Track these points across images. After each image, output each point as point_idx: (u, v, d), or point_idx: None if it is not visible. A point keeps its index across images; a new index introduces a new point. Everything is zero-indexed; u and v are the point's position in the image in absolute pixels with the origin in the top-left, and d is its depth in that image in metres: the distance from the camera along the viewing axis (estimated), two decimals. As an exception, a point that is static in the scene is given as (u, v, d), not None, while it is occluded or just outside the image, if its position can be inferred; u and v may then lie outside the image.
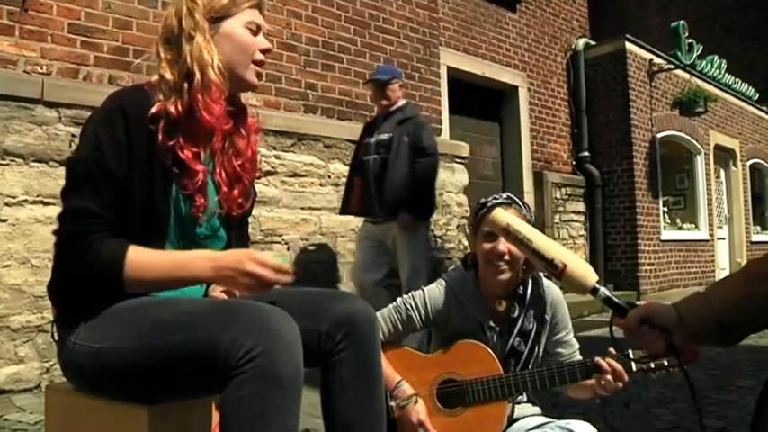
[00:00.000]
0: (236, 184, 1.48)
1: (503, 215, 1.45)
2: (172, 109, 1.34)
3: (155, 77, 1.39)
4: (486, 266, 1.90)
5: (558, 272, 1.31)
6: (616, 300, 1.29)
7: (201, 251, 1.37)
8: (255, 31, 1.48)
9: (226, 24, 1.44)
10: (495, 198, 1.94)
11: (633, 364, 1.72)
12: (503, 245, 1.84)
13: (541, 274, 1.97)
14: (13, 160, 3.35)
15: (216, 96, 1.38)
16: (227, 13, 1.44)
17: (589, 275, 1.31)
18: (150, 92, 1.36)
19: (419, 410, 1.79)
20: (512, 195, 1.95)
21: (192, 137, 1.37)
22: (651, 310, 1.23)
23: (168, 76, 1.38)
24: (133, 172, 1.31)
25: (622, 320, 1.26)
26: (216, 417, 1.33)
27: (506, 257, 1.85)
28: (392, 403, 1.79)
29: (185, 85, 1.37)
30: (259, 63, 1.49)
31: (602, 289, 1.30)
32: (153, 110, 1.32)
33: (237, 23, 1.45)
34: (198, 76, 1.36)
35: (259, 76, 1.50)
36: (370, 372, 1.39)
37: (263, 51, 1.49)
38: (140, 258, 1.28)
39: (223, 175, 1.46)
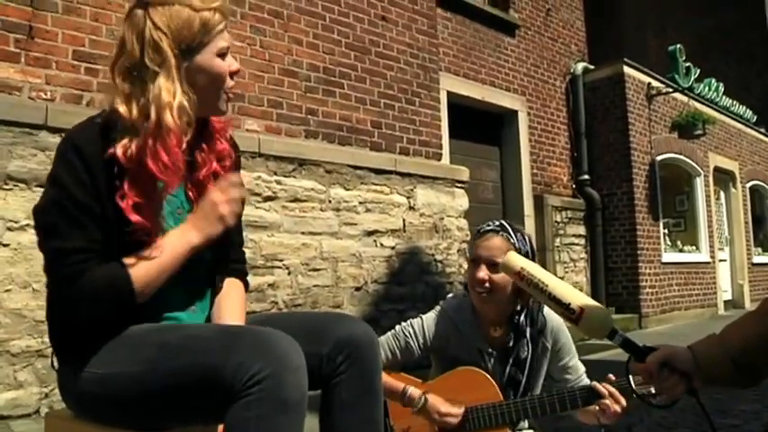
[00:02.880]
0: None
1: (516, 259, 1.43)
2: (119, 152, 1.25)
3: (108, 107, 1.32)
4: (471, 292, 1.92)
5: (574, 317, 1.28)
6: (635, 343, 1.27)
7: (176, 228, 1.36)
8: (225, 53, 1.39)
9: (199, 58, 1.34)
10: (487, 225, 1.94)
11: (633, 382, 1.69)
12: (483, 272, 1.85)
13: None
14: (16, 185, 3.37)
15: (171, 144, 1.27)
16: (200, 42, 1.33)
17: (607, 319, 1.29)
18: (104, 126, 1.29)
19: (436, 404, 1.82)
20: (505, 223, 1.94)
21: (136, 183, 1.27)
22: (671, 353, 1.22)
23: (123, 110, 1.27)
24: (104, 206, 1.27)
25: (642, 365, 1.25)
26: None
27: (486, 285, 1.85)
28: (410, 408, 1.82)
29: (141, 125, 1.26)
30: (229, 90, 1.41)
31: (620, 332, 1.27)
32: (109, 150, 1.25)
33: (210, 53, 1.35)
34: (153, 118, 1.25)
35: (228, 101, 1.43)
36: (371, 394, 1.38)
37: (232, 74, 1.41)
38: (136, 263, 1.28)
39: (194, 191, 1.43)
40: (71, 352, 1.34)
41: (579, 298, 1.30)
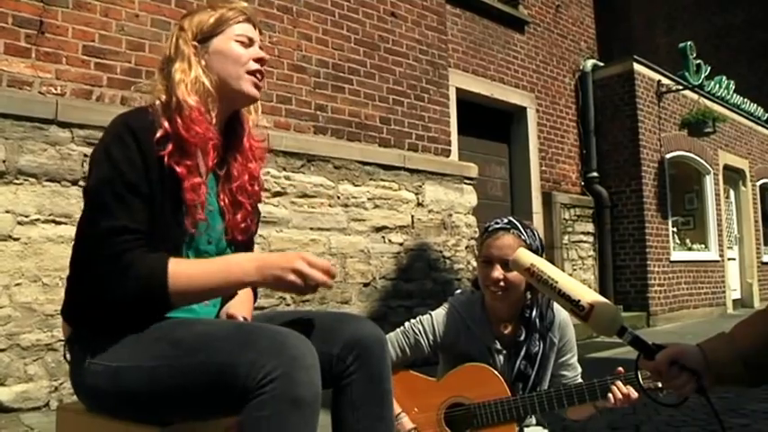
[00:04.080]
0: (237, 210, 1.50)
1: (525, 255, 1.42)
2: (161, 132, 1.36)
3: (155, 101, 1.43)
4: (485, 291, 1.91)
5: (584, 313, 1.27)
6: (645, 341, 1.26)
7: (244, 254, 1.41)
8: (247, 43, 1.50)
9: (215, 42, 1.48)
10: (495, 223, 1.93)
11: (642, 380, 1.68)
12: (497, 271, 1.84)
13: None
14: (26, 179, 3.39)
15: (193, 115, 1.39)
16: (215, 31, 1.48)
17: (616, 316, 1.28)
18: (154, 113, 1.39)
19: None
20: (513, 220, 1.93)
21: (184, 152, 1.38)
22: (681, 351, 1.21)
23: (164, 98, 1.42)
24: (152, 189, 1.32)
25: (651, 362, 1.24)
26: None
27: (501, 284, 1.84)
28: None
29: (170, 105, 1.41)
30: (254, 72, 1.50)
31: (630, 330, 1.26)
32: (159, 133, 1.35)
33: (226, 38, 1.48)
34: (174, 98, 1.40)
35: (257, 86, 1.51)
36: (381, 394, 1.39)
37: (258, 61, 1.50)
38: (183, 269, 1.29)
39: (226, 200, 1.48)
40: (87, 338, 1.34)
41: (589, 295, 1.30)
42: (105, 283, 1.27)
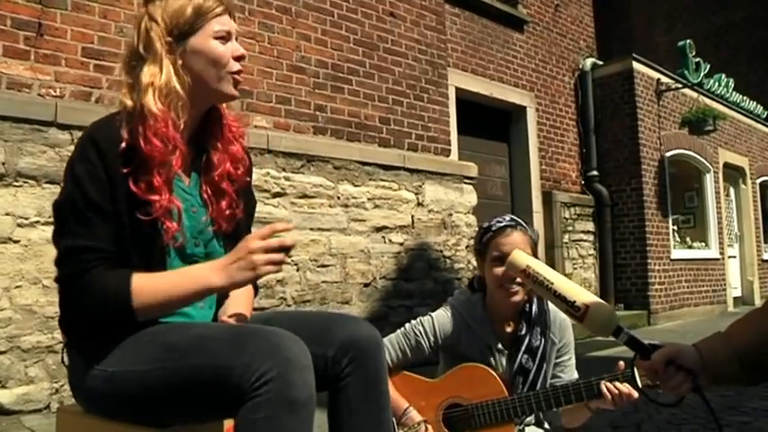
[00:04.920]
0: (221, 198, 1.45)
1: (521, 257, 1.43)
2: (124, 143, 1.30)
3: (120, 105, 1.36)
4: (499, 290, 1.89)
5: (579, 314, 1.28)
6: (640, 341, 1.26)
7: (206, 263, 1.35)
8: (226, 37, 1.40)
9: (193, 40, 1.37)
10: (498, 221, 1.93)
11: (639, 380, 1.68)
12: None
13: None
14: (26, 182, 3.39)
15: (158, 126, 1.30)
16: (193, 26, 1.37)
17: (612, 317, 1.28)
18: (119, 122, 1.32)
19: None
20: (515, 218, 1.94)
21: (143, 167, 1.30)
22: (676, 351, 1.21)
23: (128, 103, 1.33)
24: (119, 204, 1.29)
25: (647, 362, 1.24)
26: None
27: (518, 279, 1.84)
28: (400, 431, 1.79)
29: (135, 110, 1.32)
30: (236, 73, 1.42)
31: (626, 330, 1.27)
32: (122, 146, 1.29)
33: (205, 36, 1.38)
34: (138, 105, 1.31)
35: (236, 84, 1.43)
36: (377, 396, 1.38)
37: (237, 59, 1.42)
38: (146, 283, 1.27)
39: (208, 191, 1.44)
40: (81, 347, 1.34)
41: (584, 295, 1.30)
42: (68, 302, 1.29)
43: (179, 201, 1.37)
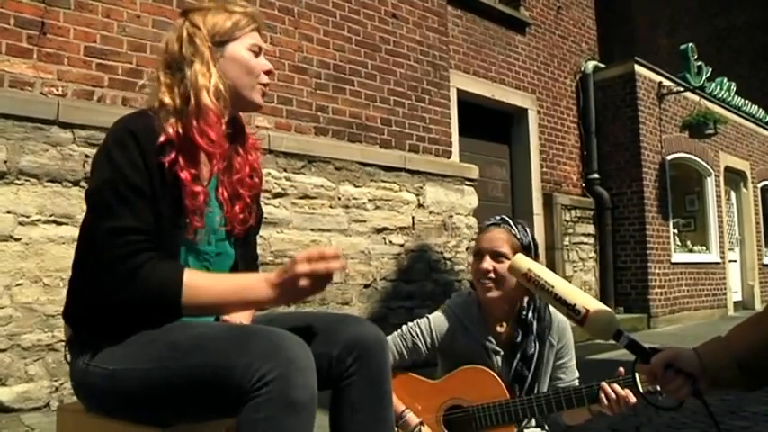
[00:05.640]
0: (236, 201, 1.50)
1: (522, 261, 1.44)
2: (170, 131, 1.36)
3: (156, 103, 1.41)
4: (477, 286, 1.94)
5: (580, 317, 1.29)
6: (641, 344, 1.26)
7: (256, 273, 1.41)
8: (258, 52, 1.51)
9: (230, 48, 1.47)
10: (488, 220, 1.99)
11: (640, 384, 1.68)
12: (487, 262, 1.87)
13: None
14: (27, 180, 3.39)
15: (212, 121, 1.39)
16: (231, 36, 1.47)
17: (612, 320, 1.29)
18: (155, 117, 1.38)
19: None
20: (504, 217, 1.97)
21: (190, 159, 1.38)
22: (676, 355, 1.22)
23: (167, 100, 1.40)
24: (153, 193, 1.32)
25: (647, 366, 1.24)
26: None
27: (491, 275, 1.86)
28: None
29: (184, 109, 1.39)
30: (264, 85, 1.53)
31: (626, 334, 1.27)
32: (162, 137, 1.34)
33: (241, 46, 1.48)
34: (193, 101, 1.38)
35: (264, 95, 1.54)
36: (381, 395, 1.39)
37: (267, 73, 1.53)
38: (198, 283, 1.28)
39: (225, 194, 1.48)
40: (86, 340, 1.34)
41: (585, 299, 1.31)
42: (113, 286, 1.27)
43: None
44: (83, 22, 3.80)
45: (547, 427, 1.97)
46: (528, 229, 1.95)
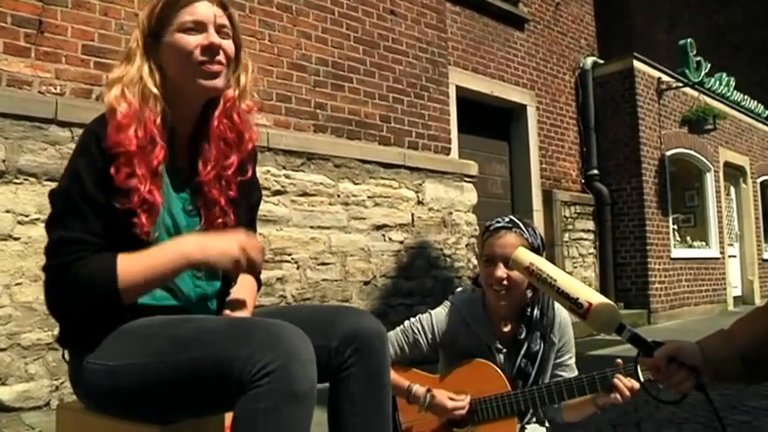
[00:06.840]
0: (211, 206, 1.44)
1: (525, 254, 1.43)
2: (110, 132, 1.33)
3: None
4: (488, 291, 1.90)
5: (582, 311, 1.28)
6: (643, 338, 1.26)
7: (185, 236, 1.36)
8: (195, 28, 1.36)
9: (166, 36, 1.36)
10: (497, 222, 1.92)
11: (641, 374, 1.67)
12: (501, 270, 1.83)
13: None
14: (26, 179, 3.39)
15: (121, 122, 1.31)
16: (163, 22, 1.36)
17: (615, 314, 1.28)
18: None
19: (442, 400, 1.81)
20: (515, 219, 1.92)
21: (125, 158, 1.31)
22: (679, 348, 1.22)
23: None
24: (109, 199, 1.29)
25: (650, 359, 1.24)
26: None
27: (505, 283, 1.84)
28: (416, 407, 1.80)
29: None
30: (204, 63, 1.36)
31: (629, 327, 1.27)
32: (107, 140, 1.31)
33: (173, 31, 1.36)
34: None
35: (214, 75, 1.37)
36: (379, 388, 1.38)
37: (206, 48, 1.35)
38: (129, 262, 1.27)
39: (199, 199, 1.44)
40: (76, 341, 1.35)
41: (587, 293, 1.30)
42: (56, 289, 1.28)
43: (162, 196, 1.36)
44: (80, 21, 3.79)
45: (547, 424, 1.97)
46: (537, 231, 1.92)
